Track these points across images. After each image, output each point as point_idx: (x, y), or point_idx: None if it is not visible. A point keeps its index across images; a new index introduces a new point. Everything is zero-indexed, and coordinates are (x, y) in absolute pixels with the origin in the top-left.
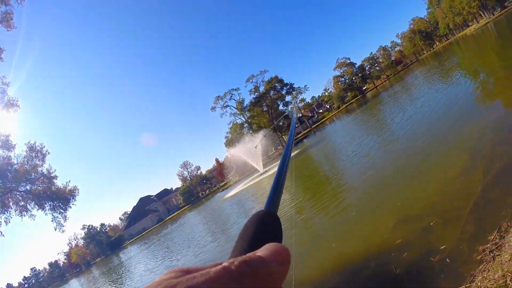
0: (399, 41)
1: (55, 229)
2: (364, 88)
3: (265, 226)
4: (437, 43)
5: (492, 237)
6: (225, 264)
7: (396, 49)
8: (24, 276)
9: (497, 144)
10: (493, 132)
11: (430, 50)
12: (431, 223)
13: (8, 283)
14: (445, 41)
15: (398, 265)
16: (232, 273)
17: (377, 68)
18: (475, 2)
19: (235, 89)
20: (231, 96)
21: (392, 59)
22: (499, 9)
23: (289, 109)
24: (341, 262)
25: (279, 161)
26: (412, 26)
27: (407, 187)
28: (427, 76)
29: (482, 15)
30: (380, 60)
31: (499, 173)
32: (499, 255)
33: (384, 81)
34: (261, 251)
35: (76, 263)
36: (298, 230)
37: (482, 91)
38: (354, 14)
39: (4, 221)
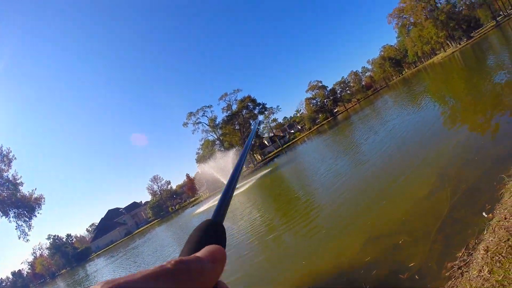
0: (369, 66)
1: (19, 238)
2: (335, 111)
3: (210, 234)
4: (406, 69)
5: (460, 254)
6: (162, 263)
7: (366, 74)
8: None
9: (463, 166)
10: (459, 155)
11: (399, 76)
12: (400, 241)
13: None
14: (414, 68)
15: (367, 282)
16: (167, 270)
17: (348, 92)
18: (443, 32)
19: (208, 106)
20: (204, 113)
21: (363, 83)
22: (465, 39)
23: (261, 128)
24: (311, 279)
25: (230, 173)
26: (382, 53)
27: (377, 207)
28: (396, 100)
29: (449, 44)
30: (351, 84)
31: (465, 193)
32: (467, 271)
33: (355, 104)
34: (199, 252)
35: (41, 273)
36: (268, 249)
37: (449, 115)
38: (327, 39)
39: None
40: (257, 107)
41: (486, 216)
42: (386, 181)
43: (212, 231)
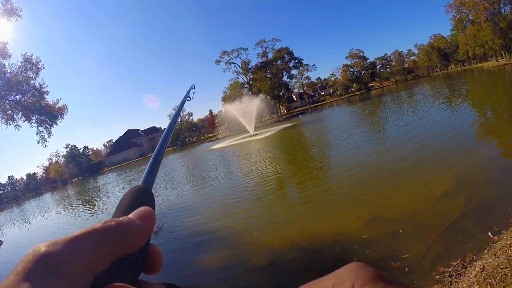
0: (416, 51)
1: (38, 143)
2: (370, 85)
3: (139, 198)
4: (452, 65)
5: (455, 263)
6: (91, 225)
7: (411, 57)
8: (0, 183)
9: (483, 180)
10: (482, 168)
11: (443, 70)
12: (401, 231)
13: None
14: (461, 66)
15: (359, 259)
16: (96, 230)
17: (388, 70)
18: (500, 40)
19: (244, 49)
20: (238, 54)
21: (405, 66)
22: None
23: (292, 82)
24: (306, 239)
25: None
26: (432, 41)
27: (388, 190)
28: (435, 93)
29: (503, 55)
30: (393, 63)
31: (478, 207)
32: (456, 282)
33: (392, 84)
34: (130, 215)
35: (53, 179)
36: (270, 199)
37: (482, 126)
38: (379, 9)
39: None
40: (292, 60)
41: (491, 237)
42: (403, 168)
43: (142, 196)
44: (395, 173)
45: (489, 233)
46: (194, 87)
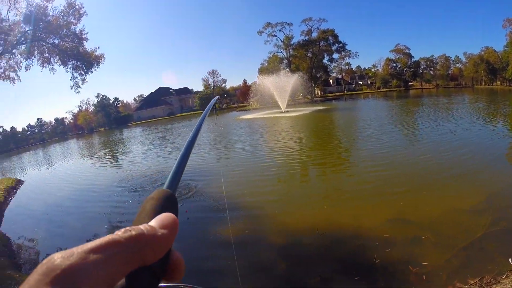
0: (463, 59)
1: (71, 88)
2: (410, 84)
3: (162, 203)
4: (498, 82)
5: (473, 282)
6: (110, 235)
7: (457, 65)
8: (29, 124)
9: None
10: None
11: (488, 85)
12: (423, 237)
13: (12, 126)
14: (506, 85)
15: (379, 256)
16: (116, 239)
17: (431, 72)
18: None
19: (288, 24)
20: (282, 28)
21: (449, 72)
22: None
23: (331, 66)
24: (327, 226)
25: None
26: (482, 53)
27: (415, 193)
28: (479, 106)
29: None
30: (438, 66)
31: (503, 231)
32: None
33: (432, 87)
34: (151, 221)
35: (81, 126)
36: (295, 180)
37: None
38: (436, 10)
39: (25, 67)
40: (336, 44)
41: (511, 263)
42: (433, 175)
43: (165, 201)
44: (423, 178)
45: (510, 260)
46: (219, 98)
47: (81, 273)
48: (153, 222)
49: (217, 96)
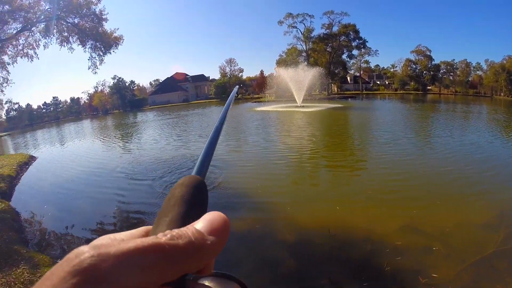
0: (484, 66)
1: (89, 68)
2: (428, 87)
3: (192, 192)
4: None
5: None
6: (154, 238)
7: (477, 72)
8: (45, 102)
9: None
10: None
11: (508, 96)
12: (434, 248)
13: (28, 103)
14: None
15: (389, 264)
16: (160, 245)
17: (451, 77)
18: None
19: (310, 15)
20: (303, 20)
21: (469, 79)
22: None
23: (350, 62)
24: (339, 227)
25: (217, 122)
26: (505, 61)
27: (428, 202)
28: (500, 118)
29: None
30: (458, 72)
31: None
32: None
33: (450, 93)
34: (199, 222)
35: (96, 107)
36: (309, 179)
37: None
38: (460, 13)
39: (44, 45)
40: (357, 40)
41: None
42: (446, 183)
43: (195, 188)
44: (437, 186)
45: None
46: (238, 89)
47: (113, 279)
48: (201, 225)
49: (238, 86)
